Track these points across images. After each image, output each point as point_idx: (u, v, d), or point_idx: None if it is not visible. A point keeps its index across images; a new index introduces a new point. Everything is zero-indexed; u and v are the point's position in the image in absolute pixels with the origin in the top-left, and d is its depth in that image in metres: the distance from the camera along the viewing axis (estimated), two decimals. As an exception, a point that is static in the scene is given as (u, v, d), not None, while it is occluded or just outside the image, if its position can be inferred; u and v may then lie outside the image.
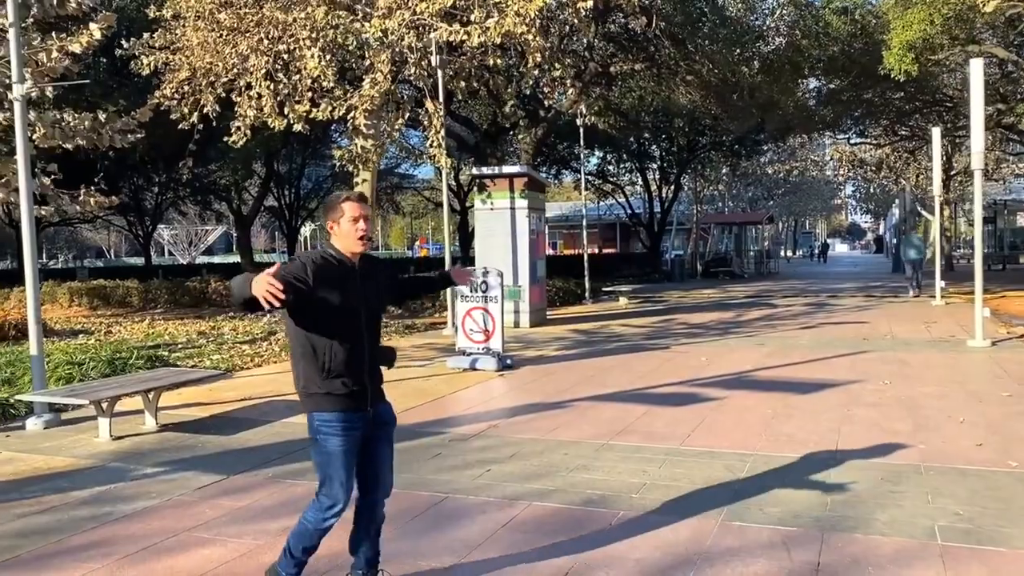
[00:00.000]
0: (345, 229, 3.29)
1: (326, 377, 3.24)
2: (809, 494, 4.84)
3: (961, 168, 36.83)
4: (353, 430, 3.28)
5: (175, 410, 7.75)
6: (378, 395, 3.42)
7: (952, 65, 20.57)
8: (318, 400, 3.26)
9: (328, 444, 3.26)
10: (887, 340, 11.97)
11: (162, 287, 22.34)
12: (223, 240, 76.43)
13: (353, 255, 3.32)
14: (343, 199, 3.33)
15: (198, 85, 12.01)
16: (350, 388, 3.26)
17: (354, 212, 3.29)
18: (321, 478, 3.31)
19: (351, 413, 3.28)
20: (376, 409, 3.39)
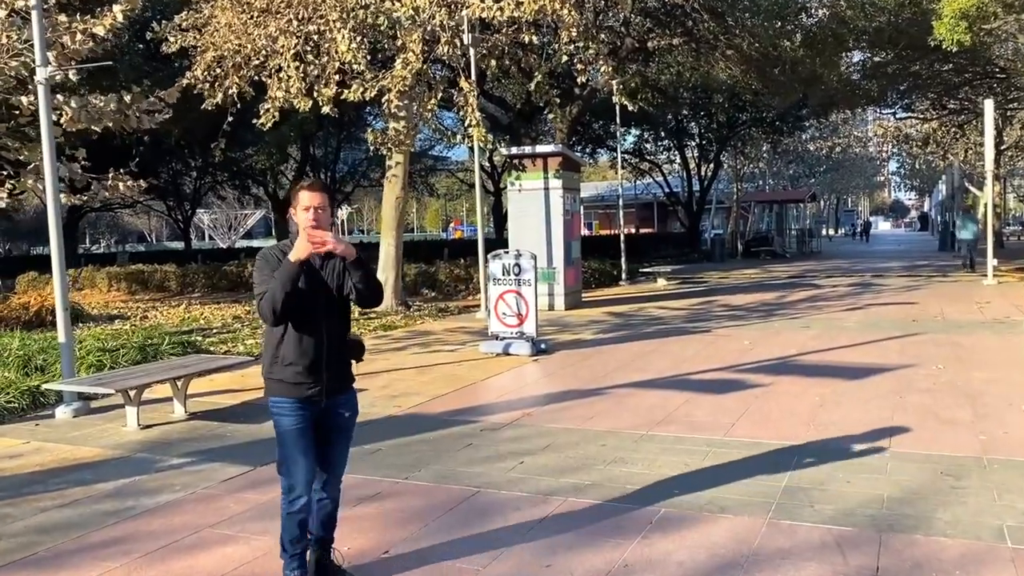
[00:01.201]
0: (299, 218, 3.29)
1: (281, 364, 3.28)
2: (862, 490, 4.54)
3: (1012, 142, 35.63)
4: (304, 411, 3.30)
5: (205, 397, 7.65)
6: (337, 387, 3.39)
7: (1004, 35, 19.74)
8: (271, 385, 3.34)
9: (280, 423, 3.32)
10: (938, 322, 11.50)
11: (199, 271, 22.46)
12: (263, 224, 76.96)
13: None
14: (299, 187, 3.34)
15: (227, 67, 11.88)
16: (302, 379, 3.27)
17: (305, 201, 3.27)
18: (279, 456, 3.37)
19: (303, 399, 3.29)
20: (331, 401, 3.37)
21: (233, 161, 29.19)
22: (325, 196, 3.31)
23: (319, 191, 3.30)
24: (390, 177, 14.96)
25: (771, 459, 5.17)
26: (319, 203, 3.26)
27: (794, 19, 19.72)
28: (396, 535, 4.09)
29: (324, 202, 3.28)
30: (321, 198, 3.28)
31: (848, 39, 20.79)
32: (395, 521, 4.29)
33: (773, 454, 5.28)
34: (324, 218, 3.26)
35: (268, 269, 3.26)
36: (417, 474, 5.08)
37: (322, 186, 3.38)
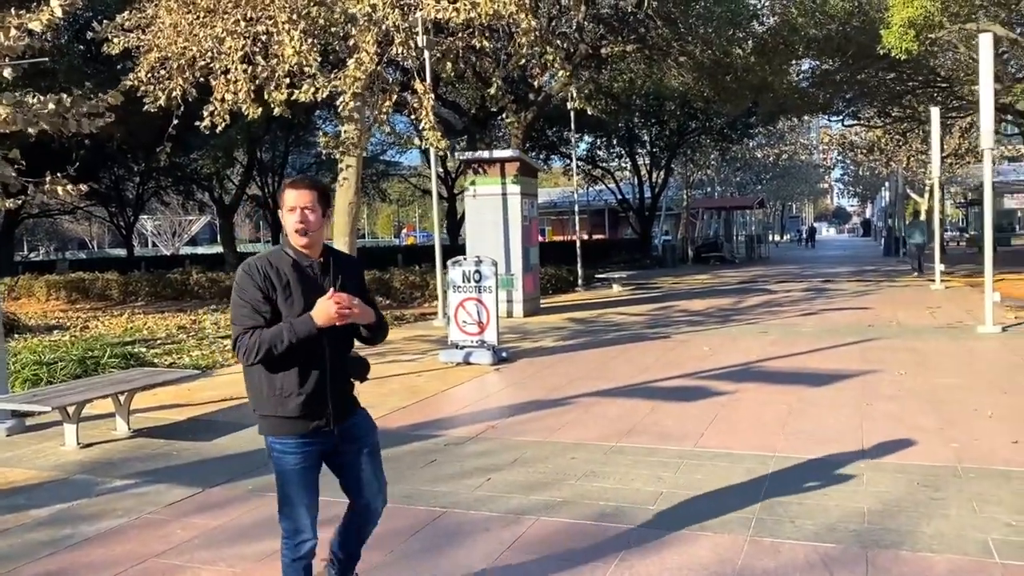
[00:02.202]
0: (285, 220, 2.90)
1: (280, 397, 2.85)
2: (842, 503, 4.41)
3: (951, 150, 36.55)
4: (310, 447, 2.92)
5: (150, 412, 7.26)
6: (344, 412, 3.00)
7: (947, 45, 20.17)
8: (271, 424, 2.90)
9: (281, 463, 2.91)
10: (893, 327, 11.58)
11: (143, 279, 21.76)
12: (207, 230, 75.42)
13: (306, 249, 2.90)
14: (284, 186, 2.93)
15: (171, 68, 11.45)
16: (307, 410, 2.86)
17: (291, 202, 2.87)
18: (280, 497, 2.96)
19: (309, 433, 2.90)
20: (343, 426, 2.99)
21: (178, 166, 28.42)
22: (313, 193, 2.87)
23: (305, 188, 2.88)
24: (342, 181, 14.59)
25: (745, 470, 5.02)
26: (306, 202, 2.85)
27: (746, 26, 19.87)
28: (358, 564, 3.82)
29: (312, 200, 2.86)
30: (309, 196, 2.86)
31: (798, 47, 21.03)
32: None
33: (747, 465, 5.13)
34: (313, 220, 2.85)
35: (250, 298, 2.79)
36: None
37: (310, 182, 2.93)
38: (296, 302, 2.83)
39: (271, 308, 2.81)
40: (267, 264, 2.86)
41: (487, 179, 14.32)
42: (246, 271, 2.85)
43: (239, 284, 2.84)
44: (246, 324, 2.79)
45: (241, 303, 2.82)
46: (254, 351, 2.74)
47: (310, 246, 2.89)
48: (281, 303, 2.82)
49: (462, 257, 9.94)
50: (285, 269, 2.86)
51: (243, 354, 2.78)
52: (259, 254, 2.95)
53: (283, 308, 2.82)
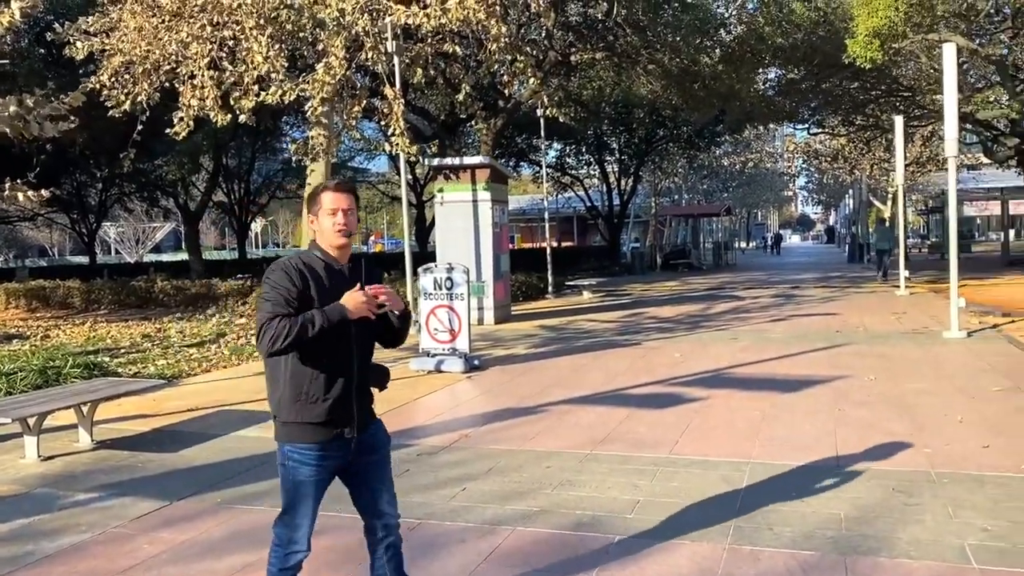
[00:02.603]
0: (323, 223, 2.86)
1: (304, 402, 2.80)
2: (819, 509, 4.40)
3: (913, 158, 37.17)
4: (328, 460, 2.87)
5: (114, 423, 7.08)
6: (365, 421, 2.95)
7: (909, 54, 20.51)
8: (292, 430, 2.83)
9: (297, 473, 2.85)
10: (861, 333, 11.70)
11: (106, 287, 21.31)
12: (172, 237, 74.41)
13: (337, 252, 2.89)
14: (322, 188, 2.91)
15: (136, 73, 11.25)
16: (333, 415, 2.82)
17: (332, 203, 2.85)
18: (284, 505, 2.91)
19: (330, 443, 2.85)
20: (362, 436, 2.93)
21: (142, 172, 27.96)
22: (352, 197, 2.90)
23: (346, 192, 2.89)
24: (310, 188, 14.46)
25: (721, 477, 5.01)
26: (347, 205, 2.85)
27: (714, 35, 20.06)
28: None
29: (352, 204, 2.88)
30: (348, 199, 2.87)
31: (765, 55, 21.26)
32: (327, 563, 3.92)
33: (722, 472, 5.12)
34: (353, 222, 2.88)
35: (283, 289, 2.75)
36: (348, 505, 4.69)
37: (350, 185, 2.96)
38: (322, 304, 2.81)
39: (299, 299, 2.76)
40: (300, 263, 2.84)
41: (457, 185, 14.25)
42: (281, 267, 2.82)
43: (271, 279, 2.79)
44: (276, 311, 2.72)
45: (272, 292, 2.76)
46: (283, 335, 2.67)
47: (346, 247, 2.90)
48: (317, 300, 2.79)
49: (433, 264, 9.87)
50: (319, 270, 2.85)
51: (270, 339, 2.68)
52: (289, 256, 2.93)
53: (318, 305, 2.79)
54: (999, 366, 8.56)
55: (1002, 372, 8.22)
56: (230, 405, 7.76)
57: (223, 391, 8.54)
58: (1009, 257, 28.56)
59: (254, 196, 37.53)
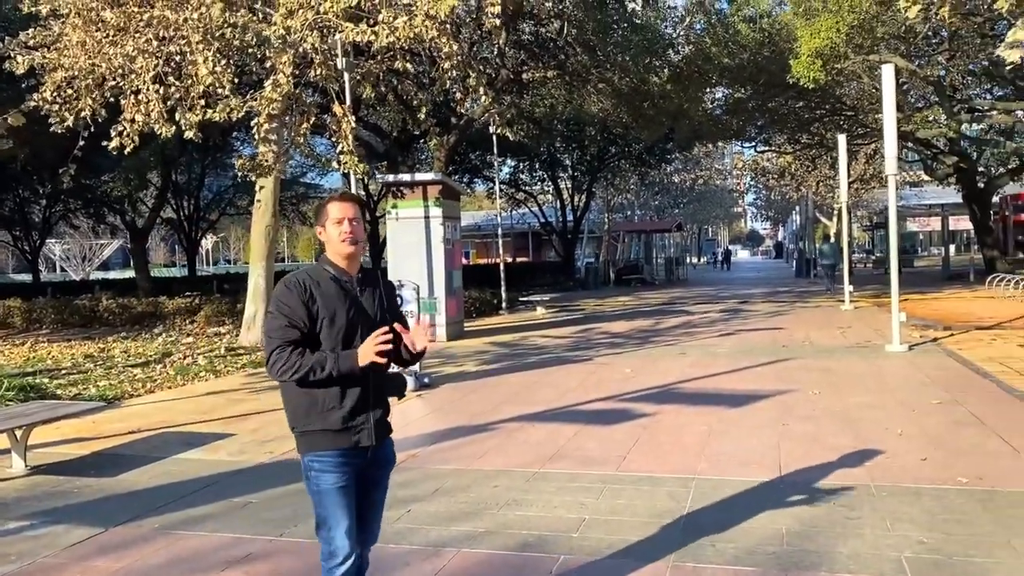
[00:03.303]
0: (331, 233, 2.94)
1: (321, 411, 2.85)
2: (761, 525, 4.45)
3: (857, 175, 38.11)
4: (349, 465, 2.89)
5: (50, 448, 6.88)
6: (384, 430, 3.00)
7: (851, 75, 21.08)
8: (311, 439, 2.88)
9: (321, 482, 2.87)
10: (806, 347, 11.90)
11: (48, 306, 20.77)
12: (120, 254, 72.81)
13: (346, 262, 2.94)
14: (328, 200, 3.01)
15: (79, 88, 11.02)
16: (349, 423, 2.86)
17: (339, 213, 2.94)
18: (317, 520, 2.93)
19: (349, 451, 2.88)
20: (377, 449, 2.97)
21: (87, 188, 27.38)
22: (358, 207, 2.99)
23: (352, 202, 2.98)
24: (258, 204, 14.30)
25: (667, 494, 5.04)
26: (353, 214, 2.93)
27: (662, 55, 20.36)
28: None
29: (358, 213, 2.96)
30: (355, 209, 2.96)
31: (712, 75, 21.67)
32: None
33: (668, 488, 5.15)
34: (359, 231, 2.95)
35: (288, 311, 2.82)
36: (293, 530, 4.64)
37: (354, 196, 3.07)
38: (339, 317, 2.86)
39: (309, 322, 2.83)
40: (308, 279, 2.89)
41: (409, 202, 14.22)
42: (287, 285, 2.87)
43: (278, 298, 2.86)
44: (282, 337, 2.80)
45: (279, 316, 2.83)
46: (290, 371, 2.76)
47: (354, 257, 2.95)
48: (323, 315, 2.84)
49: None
50: (326, 284, 2.89)
51: (277, 371, 2.78)
52: (297, 271, 2.97)
53: (324, 324, 2.84)
54: (938, 379, 8.77)
55: (941, 385, 8.42)
56: (174, 427, 7.59)
57: (167, 412, 8.36)
58: (949, 271, 29.36)
59: (204, 212, 36.95)
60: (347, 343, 2.85)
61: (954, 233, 46.86)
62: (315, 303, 2.84)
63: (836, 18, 15.63)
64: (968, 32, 20.14)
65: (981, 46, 21.26)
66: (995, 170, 29.55)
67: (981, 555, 3.92)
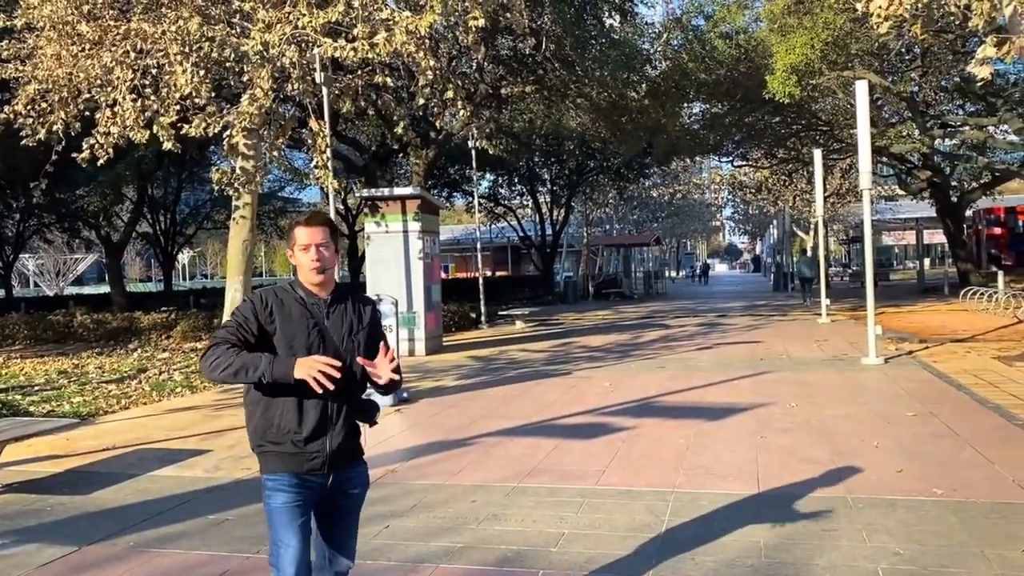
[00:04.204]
0: (299, 259, 2.86)
1: (276, 433, 2.78)
2: (740, 537, 4.46)
3: (833, 189, 38.56)
4: (304, 489, 2.81)
5: (22, 465, 6.78)
6: (345, 458, 2.87)
7: (826, 90, 21.38)
8: (266, 460, 2.83)
9: (271, 500, 2.80)
10: (784, 360, 11.99)
11: (21, 321, 20.51)
12: (95, 269, 72.06)
13: (317, 288, 2.85)
14: (295, 224, 2.91)
15: (53, 101, 10.94)
16: (302, 449, 2.78)
17: (305, 239, 2.83)
18: (270, 542, 2.85)
19: (304, 475, 2.80)
20: (339, 476, 2.86)
21: (61, 202, 27.10)
22: (327, 230, 2.85)
23: (320, 225, 2.85)
24: (237, 218, 14.20)
25: (646, 508, 5.04)
26: (321, 239, 2.82)
27: (640, 70, 20.52)
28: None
29: (327, 238, 2.84)
30: (323, 233, 2.83)
31: (689, 90, 21.89)
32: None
33: (647, 502, 5.15)
34: (328, 257, 2.83)
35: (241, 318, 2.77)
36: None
37: (323, 219, 2.91)
38: (299, 339, 2.76)
39: (260, 336, 2.75)
40: (273, 297, 2.83)
41: (388, 217, 14.21)
42: (250, 297, 2.86)
43: (237, 307, 2.84)
44: (222, 336, 2.74)
45: (231, 319, 2.80)
46: (222, 366, 2.66)
47: (325, 283, 2.85)
48: (280, 338, 2.76)
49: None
50: (290, 305, 2.82)
51: (209, 365, 2.69)
52: (273, 285, 2.93)
53: (281, 343, 2.76)
54: (914, 391, 8.86)
55: (916, 397, 8.50)
56: (149, 443, 7.50)
57: (142, 429, 8.26)
58: (924, 284, 29.71)
59: (181, 227, 36.70)
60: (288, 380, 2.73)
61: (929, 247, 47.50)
62: (272, 320, 2.77)
63: (811, 35, 15.86)
64: (940, 49, 20.51)
65: (953, 63, 21.64)
66: (968, 184, 30.00)
67: (956, 566, 3.96)
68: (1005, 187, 32.70)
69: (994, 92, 21.96)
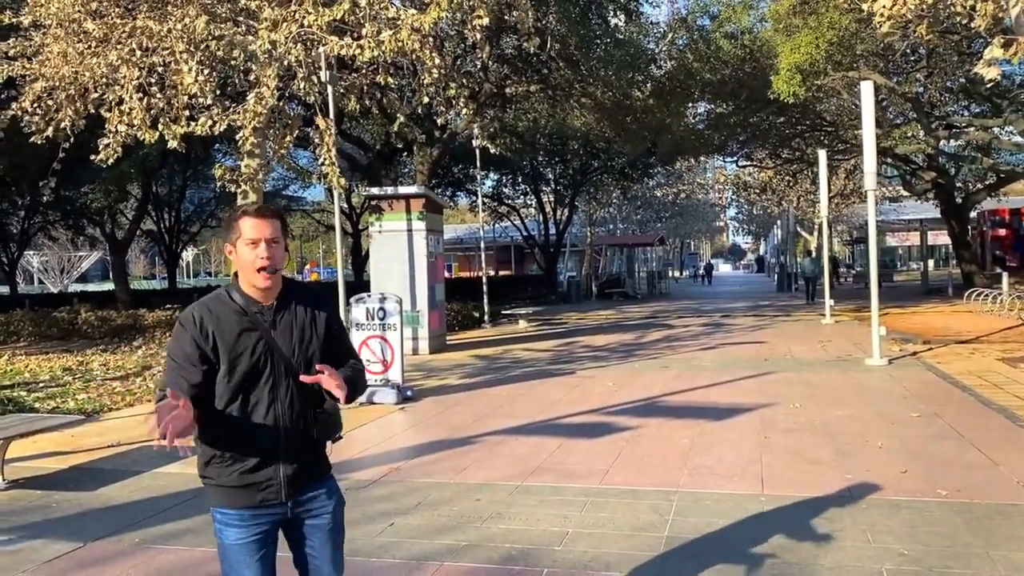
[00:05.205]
0: (242, 256, 2.44)
1: (220, 465, 2.46)
2: (744, 537, 4.47)
3: (837, 190, 38.53)
4: (258, 521, 2.50)
5: (28, 461, 6.80)
6: (303, 481, 2.54)
7: (831, 91, 21.35)
8: (213, 493, 2.51)
9: (223, 536, 2.50)
10: (788, 360, 11.98)
11: (26, 318, 20.55)
12: (99, 266, 72.20)
13: (261, 293, 2.47)
14: (240, 214, 2.48)
15: (60, 99, 10.97)
16: (251, 480, 2.46)
17: (253, 232, 2.42)
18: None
19: (254, 509, 2.49)
20: (299, 498, 2.53)
21: (67, 200, 27.14)
22: (277, 224, 2.47)
23: (270, 217, 2.46)
24: (240, 219, 14.23)
25: (650, 507, 5.05)
26: (271, 234, 2.43)
27: (645, 70, 20.50)
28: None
29: (277, 232, 2.45)
30: (273, 227, 2.44)
31: (694, 90, 21.85)
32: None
33: (651, 502, 5.16)
34: (277, 255, 2.44)
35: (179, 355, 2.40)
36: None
37: (274, 211, 2.51)
38: (241, 361, 2.41)
39: (205, 366, 2.40)
40: (206, 312, 2.43)
41: (392, 215, 14.22)
42: (181, 322, 2.44)
43: (173, 337, 2.45)
44: (169, 385, 2.38)
45: (170, 361, 2.43)
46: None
47: (271, 288, 2.47)
48: (223, 361, 2.41)
49: (366, 294, 9.79)
50: (227, 318, 2.43)
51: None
52: (197, 302, 2.49)
53: (222, 366, 2.42)
54: (918, 392, 8.85)
55: (920, 398, 8.50)
56: (153, 441, 7.51)
57: (146, 426, 8.27)
58: (928, 286, 29.65)
59: (185, 225, 36.75)
60: (250, 390, 2.43)
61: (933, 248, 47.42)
62: (211, 343, 2.40)
63: (816, 35, 15.84)
64: (946, 50, 20.48)
65: (959, 63, 21.61)
66: (972, 186, 29.93)
67: (960, 567, 3.96)
68: (1010, 188, 32.60)
69: (1000, 93, 21.94)
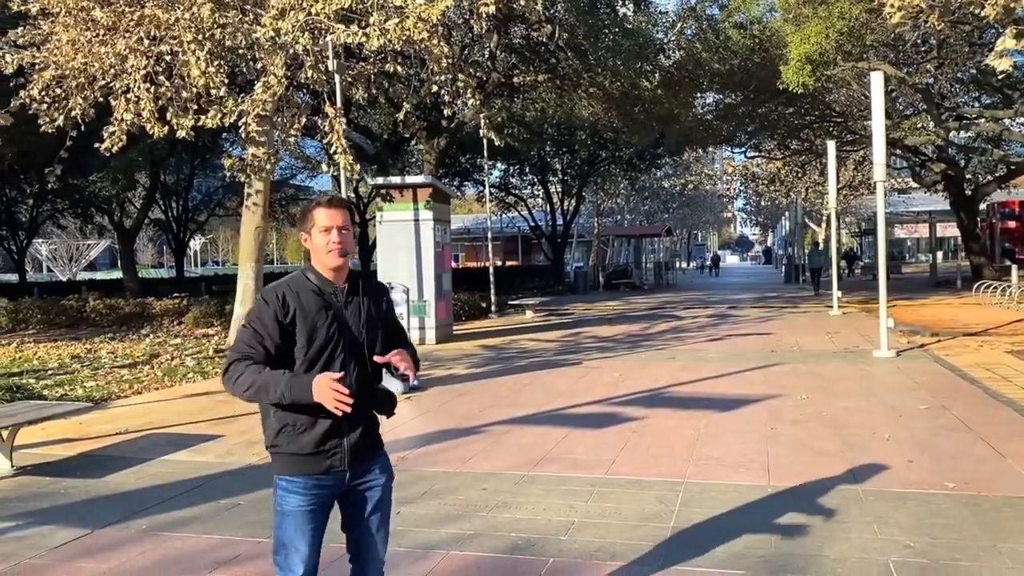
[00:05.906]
0: (316, 242, 2.71)
1: (291, 433, 2.67)
2: (750, 528, 4.46)
3: (846, 182, 38.32)
4: (320, 490, 2.71)
5: (37, 448, 6.84)
6: (364, 452, 2.77)
7: (841, 81, 21.24)
8: (282, 461, 2.71)
9: (285, 503, 2.69)
10: (795, 352, 11.95)
11: (34, 306, 20.66)
12: (107, 255, 72.42)
13: (333, 274, 2.73)
14: (314, 205, 2.76)
15: (69, 87, 10.97)
16: (321, 448, 2.68)
17: (326, 221, 2.70)
18: (275, 543, 2.74)
19: (321, 475, 2.70)
20: (358, 469, 2.76)
21: (75, 188, 27.25)
22: (347, 213, 2.75)
23: (341, 207, 2.74)
24: (249, 205, 14.24)
25: (656, 498, 5.05)
26: (341, 222, 2.71)
27: (653, 59, 20.43)
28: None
29: (347, 220, 2.74)
30: (343, 216, 2.73)
31: (703, 80, 21.77)
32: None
33: (657, 492, 5.16)
34: (349, 240, 2.72)
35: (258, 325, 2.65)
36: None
37: (343, 202, 2.79)
38: (318, 334, 2.66)
39: (281, 337, 2.65)
40: (288, 291, 2.68)
41: (399, 205, 14.22)
42: (263, 296, 2.69)
43: (255, 311, 2.69)
44: (242, 351, 2.64)
45: (246, 328, 2.68)
46: (242, 387, 2.61)
47: (343, 268, 2.75)
48: (300, 333, 2.65)
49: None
50: (306, 297, 2.69)
51: (230, 384, 2.64)
52: (280, 281, 2.75)
53: (301, 338, 2.65)
54: (925, 384, 8.83)
55: (928, 390, 8.47)
56: (161, 428, 7.55)
57: (154, 413, 8.32)
58: (937, 278, 29.54)
59: (193, 213, 36.84)
60: (326, 362, 2.68)
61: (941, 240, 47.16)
62: (292, 320, 2.65)
63: (826, 24, 15.73)
64: (957, 40, 20.31)
65: (969, 54, 21.44)
66: (982, 177, 29.75)
67: (967, 559, 3.95)
68: (1020, 180, 32.42)
69: (1011, 84, 21.77)
